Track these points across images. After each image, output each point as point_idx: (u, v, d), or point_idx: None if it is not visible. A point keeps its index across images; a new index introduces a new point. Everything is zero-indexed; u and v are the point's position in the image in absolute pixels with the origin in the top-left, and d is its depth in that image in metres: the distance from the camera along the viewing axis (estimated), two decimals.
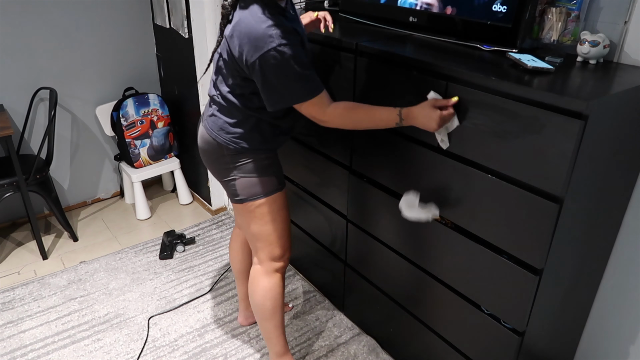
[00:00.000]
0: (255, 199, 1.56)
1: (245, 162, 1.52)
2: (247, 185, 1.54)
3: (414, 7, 1.64)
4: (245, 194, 1.56)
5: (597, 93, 1.14)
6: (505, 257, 1.35)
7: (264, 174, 1.55)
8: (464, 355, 1.60)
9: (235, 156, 1.52)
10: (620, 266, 1.54)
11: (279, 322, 1.75)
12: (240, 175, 1.54)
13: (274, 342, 1.79)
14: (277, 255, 1.66)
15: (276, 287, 1.68)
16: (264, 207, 1.57)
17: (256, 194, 1.55)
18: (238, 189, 1.56)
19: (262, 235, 1.62)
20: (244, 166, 1.53)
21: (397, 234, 1.69)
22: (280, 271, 1.69)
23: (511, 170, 1.25)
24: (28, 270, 2.53)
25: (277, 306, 1.71)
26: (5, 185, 2.42)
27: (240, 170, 1.53)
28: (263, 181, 1.55)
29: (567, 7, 1.36)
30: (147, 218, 2.99)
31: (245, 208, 1.59)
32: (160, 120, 2.93)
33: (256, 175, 1.54)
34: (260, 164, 1.53)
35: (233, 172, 1.54)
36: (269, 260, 1.66)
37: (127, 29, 2.91)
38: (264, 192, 1.56)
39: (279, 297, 1.70)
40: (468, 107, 1.31)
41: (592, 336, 1.67)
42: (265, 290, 1.68)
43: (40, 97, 2.74)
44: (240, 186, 1.55)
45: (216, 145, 1.52)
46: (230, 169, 1.54)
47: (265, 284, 1.68)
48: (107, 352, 2.00)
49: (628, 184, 1.43)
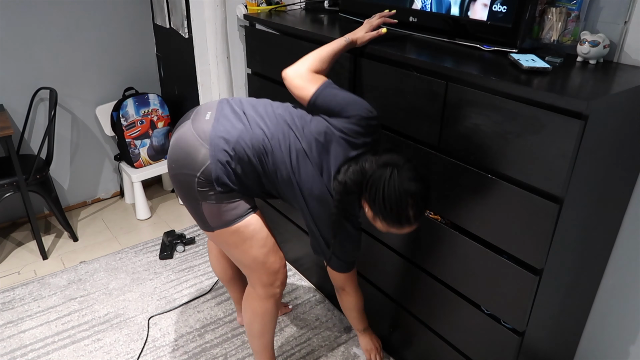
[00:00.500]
0: (225, 227, 1.44)
1: (209, 188, 1.39)
2: (215, 213, 1.42)
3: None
4: (214, 222, 1.44)
5: (597, 93, 1.14)
6: (505, 257, 1.35)
7: (232, 199, 1.42)
8: (464, 355, 1.60)
9: (203, 182, 1.39)
10: (620, 266, 1.54)
11: (267, 343, 1.71)
12: (204, 200, 1.41)
13: (261, 357, 1.76)
14: (267, 282, 1.55)
15: (267, 313, 1.61)
16: (238, 234, 1.45)
17: (224, 221, 1.43)
18: (205, 215, 1.44)
19: (244, 263, 1.53)
20: (208, 192, 1.40)
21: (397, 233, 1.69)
22: (274, 297, 1.59)
23: (511, 170, 1.25)
24: (28, 270, 2.53)
25: (265, 330, 1.66)
26: (5, 185, 2.42)
27: (203, 196, 1.40)
28: (232, 207, 1.42)
29: (567, 7, 1.35)
30: (147, 218, 2.99)
31: (218, 238, 1.49)
32: (160, 120, 2.93)
33: (224, 203, 1.41)
34: (225, 192, 1.41)
35: (197, 194, 1.41)
36: (260, 287, 1.57)
37: (127, 29, 2.91)
38: (232, 219, 1.43)
39: (269, 321, 1.64)
40: (468, 107, 1.31)
41: (592, 336, 1.67)
42: (256, 315, 1.62)
43: (40, 97, 2.74)
44: (207, 212, 1.43)
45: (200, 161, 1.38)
46: (195, 190, 1.40)
47: (255, 307, 1.61)
48: (107, 352, 2.00)
49: (628, 184, 1.43)
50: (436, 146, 1.44)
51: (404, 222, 1.32)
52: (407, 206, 1.28)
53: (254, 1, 2.26)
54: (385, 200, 1.29)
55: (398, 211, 1.29)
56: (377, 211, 1.32)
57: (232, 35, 2.55)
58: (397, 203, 1.28)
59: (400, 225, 1.34)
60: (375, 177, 1.30)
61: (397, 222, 1.33)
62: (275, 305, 1.62)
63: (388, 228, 1.36)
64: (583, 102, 1.06)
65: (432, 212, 1.54)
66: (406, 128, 1.52)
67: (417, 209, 1.31)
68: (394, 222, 1.33)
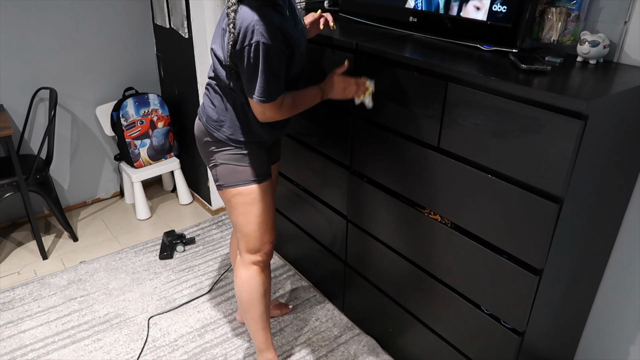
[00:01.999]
0: (231, 187, 1.60)
1: (224, 150, 1.57)
2: (224, 171, 1.59)
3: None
4: (223, 181, 1.61)
5: (597, 93, 1.14)
6: (505, 257, 1.35)
7: (241, 163, 1.58)
8: (464, 355, 1.60)
9: (216, 142, 1.57)
10: (620, 266, 1.54)
11: (257, 316, 1.76)
12: (220, 161, 1.59)
13: (254, 337, 1.81)
14: (253, 248, 1.67)
15: (252, 279, 1.70)
16: (239, 197, 1.60)
17: (231, 182, 1.59)
18: (218, 175, 1.61)
19: (238, 225, 1.66)
20: (223, 153, 1.58)
21: (397, 233, 1.69)
22: (259, 264, 1.70)
23: (511, 170, 1.25)
24: (28, 270, 2.53)
25: (253, 299, 1.72)
26: (5, 185, 2.42)
27: (219, 156, 1.58)
28: (239, 170, 1.58)
29: (567, 7, 1.36)
30: (147, 218, 2.99)
31: (224, 196, 1.64)
32: (160, 120, 2.93)
33: (233, 164, 1.58)
34: (238, 153, 1.57)
35: (214, 157, 1.59)
36: (245, 252, 1.69)
37: (127, 29, 2.91)
38: (239, 181, 1.59)
39: (256, 290, 1.71)
40: (468, 107, 1.31)
41: (592, 336, 1.67)
42: (242, 281, 1.71)
43: (40, 97, 2.74)
44: (220, 172, 1.60)
45: (203, 130, 1.60)
46: (212, 153, 1.59)
47: (241, 274, 1.71)
48: (107, 352, 2.00)
49: (628, 184, 1.43)
50: (436, 146, 1.44)
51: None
52: None
53: None
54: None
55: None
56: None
57: None
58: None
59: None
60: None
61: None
62: (259, 273, 1.70)
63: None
64: (583, 102, 1.06)
65: (432, 212, 1.55)
66: (406, 128, 1.52)
67: None
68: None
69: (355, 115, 1.70)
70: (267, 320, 1.79)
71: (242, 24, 1.31)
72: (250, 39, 1.31)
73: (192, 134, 2.91)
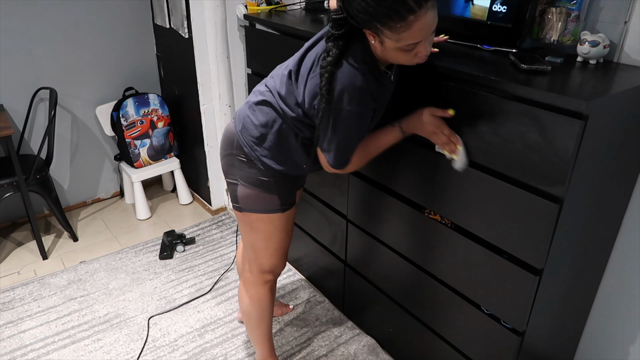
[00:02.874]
0: (252, 213, 1.51)
1: (249, 171, 1.45)
2: (247, 196, 1.47)
3: None
4: (244, 204, 1.50)
5: (597, 93, 1.14)
6: (505, 257, 1.35)
7: (266, 191, 1.47)
8: (464, 355, 1.60)
9: (244, 161, 1.44)
10: (620, 266, 1.54)
11: (265, 331, 1.76)
12: (242, 182, 1.47)
13: (259, 347, 1.81)
14: (266, 270, 1.63)
15: (263, 298, 1.67)
16: (261, 223, 1.52)
17: (254, 208, 1.49)
18: (238, 197, 1.50)
19: (254, 247, 1.59)
20: (248, 175, 1.45)
21: (397, 234, 1.69)
22: (269, 284, 1.67)
23: (511, 171, 1.25)
24: (28, 270, 2.53)
25: (263, 316, 1.71)
26: (5, 185, 2.42)
27: (243, 177, 1.46)
28: (263, 197, 1.47)
29: (567, 7, 1.35)
30: (147, 218, 2.99)
31: (242, 217, 1.55)
32: (160, 120, 2.93)
33: (258, 189, 1.46)
34: (265, 178, 1.45)
35: (236, 175, 1.47)
36: (257, 272, 1.64)
37: (127, 29, 2.91)
38: (262, 210, 1.49)
39: (266, 308, 1.70)
40: (468, 107, 1.31)
41: (592, 336, 1.67)
42: (253, 300, 1.68)
43: (40, 97, 2.74)
44: (240, 194, 1.49)
45: (234, 140, 1.45)
46: (235, 169, 1.47)
47: (252, 293, 1.67)
48: (107, 352, 2.00)
49: (628, 184, 1.43)
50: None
51: (401, 9, 1.07)
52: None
53: (254, 1, 2.27)
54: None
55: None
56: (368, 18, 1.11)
57: (232, 35, 2.55)
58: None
59: (402, 18, 1.08)
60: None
61: (396, 14, 1.07)
62: (270, 292, 1.68)
63: (398, 37, 1.12)
64: (583, 102, 1.06)
65: (432, 212, 1.55)
66: None
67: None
68: (393, 17, 1.08)
69: None
70: (271, 332, 1.80)
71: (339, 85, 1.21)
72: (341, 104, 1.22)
73: (192, 134, 2.92)
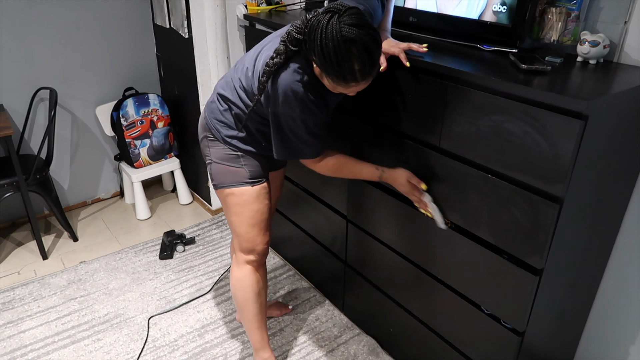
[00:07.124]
0: (224, 187, 1.60)
1: (219, 149, 1.57)
2: (218, 171, 1.59)
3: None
4: (217, 181, 1.61)
5: (597, 93, 1.14)
6: (505, 257, 1.35)
7: (234, 164, 1.57)
8: (464, 355, 1.60)
9: (214, 141, 1.58)
10: (620, 266, 1.54)
11: (252, 315, 1.76)
12: (214, 160, 1.59)
13: (250, 335, 1.81)
14: (246, 248, 1.67)
15: (245, 278, 1.70)
16: (232, 197, 1.60)
17: (224, 182, 1.59)
18: (212, 174, 1.62)
19: (231, 225, 1.67)
20: (217, 150, 1.57)
21: (397, 234, 1.69)
22: (252, 264, 1.69)
23: (511, 170, 1.25)
24: (28, 270, 2.53)
25: (247, 298, 1.72)
26: (5, 185, 2.42)
27: (213, 154, 1.58)
28: (232, 170, 1.57)
29: (567, 7, 1.36)
30: (147, 218, 2.99)
31: (218, 195, 1.65)
32: (160, 120, 2.93)
33: (226, 163, 1.57)
34: (233, 154, 1.56)
35: (210, 154, 1.60)
36: (239, 251, 1.69)
37: (127, 29, 2.91)
38: (231, 182, 1.58)
39: (249, 289, 1.71)
40: (468, 107, 1.31)
41: (592, 336, 1.67)
42: (236, 280, 1.71)
43: (40, 97, 2.74)
44: (214, 171, 1.61)
45: (204, 125, 1.60)
46: (208, 148, 1.60)
47: (235, 273, 1.72)
48: (107, 352, 2.00)
49: (628, 184, 1.43)
50: (437, 146, 1.44)
51: (348, 76, 1.21)
52: (349, 57, 1.18)
53: (254, 1, 2.27)
54: (323, 49, 1.18)
55: (339, 63, 1.19)
56: (319, 63, 1.23)
57: (232, 35, 2.55)
58: (335, 52, 1.17)
59: (345, 82, 1.23)
60: (314, 23, 1.20)
61: (341, 77, 1.22)
62: (253, 273, 1.70)
63: (334, 86, 1.28)
64: (583, 102, 1.06)
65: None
66: (406, 128, 1.52)
67: (361, 62, 1.19)
68: (338, 77, 1.23)
69: (355, 115, 1.70)
70: (263, 320, 1.79)
71: (280, 88, 1.33)
72: (277, 107, 1.36)
73: (192, 134, 2.92)
